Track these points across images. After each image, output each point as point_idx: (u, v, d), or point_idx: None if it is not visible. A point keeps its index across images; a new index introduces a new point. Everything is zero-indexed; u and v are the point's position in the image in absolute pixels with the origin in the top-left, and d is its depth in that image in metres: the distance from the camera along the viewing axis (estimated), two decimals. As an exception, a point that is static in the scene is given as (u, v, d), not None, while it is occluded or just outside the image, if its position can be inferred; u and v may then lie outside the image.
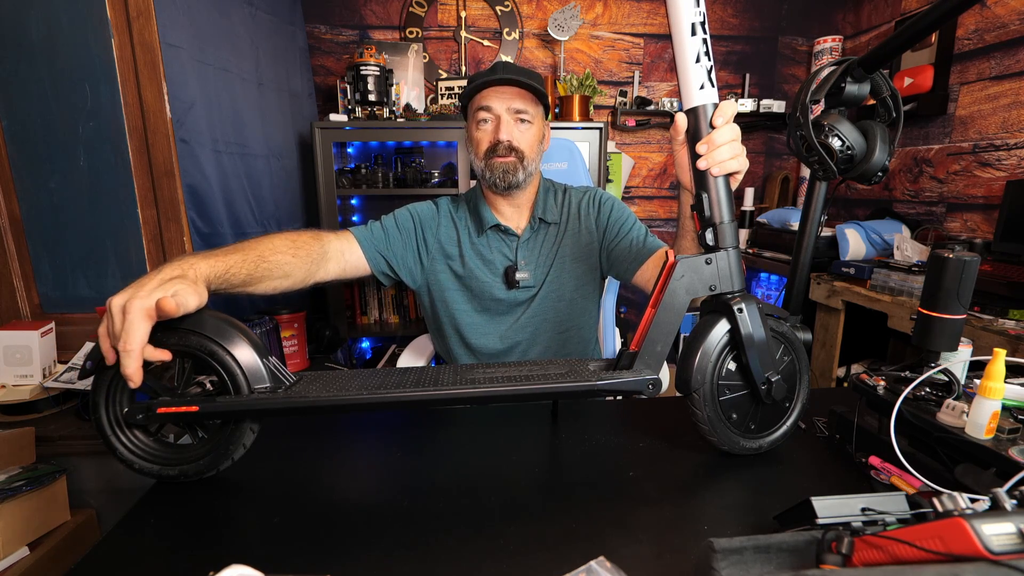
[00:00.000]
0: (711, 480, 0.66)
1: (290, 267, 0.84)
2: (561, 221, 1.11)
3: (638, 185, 2.63)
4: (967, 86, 1.83)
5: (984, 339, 1.22)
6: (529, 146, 1.03)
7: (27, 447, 1.13)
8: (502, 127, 1.00)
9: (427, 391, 0.63)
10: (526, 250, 1.09)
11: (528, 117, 1.02)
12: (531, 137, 1.03)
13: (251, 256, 0.78)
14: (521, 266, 1.07)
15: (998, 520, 0.32)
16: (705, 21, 0.64)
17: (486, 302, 1.08)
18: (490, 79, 0.98)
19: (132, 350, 0.57)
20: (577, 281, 1.10)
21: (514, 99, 1.00)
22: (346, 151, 2.37)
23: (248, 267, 0.76)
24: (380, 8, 2.34)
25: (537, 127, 1.05)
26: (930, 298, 0.65)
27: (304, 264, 0.87)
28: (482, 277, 1.07)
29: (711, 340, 0.66)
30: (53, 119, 1.31)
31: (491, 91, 1.01)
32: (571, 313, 1.10)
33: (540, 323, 1.09)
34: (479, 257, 1.08)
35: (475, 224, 1.09)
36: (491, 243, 1.09)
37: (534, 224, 1.09)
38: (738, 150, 0.66)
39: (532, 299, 1.08)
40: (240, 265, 0.75)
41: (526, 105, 1.01)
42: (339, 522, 0.58)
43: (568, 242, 1.10)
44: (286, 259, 0.83)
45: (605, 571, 0.47)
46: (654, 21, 2.46)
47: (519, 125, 1.02)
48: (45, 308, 1.44)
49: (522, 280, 1.06)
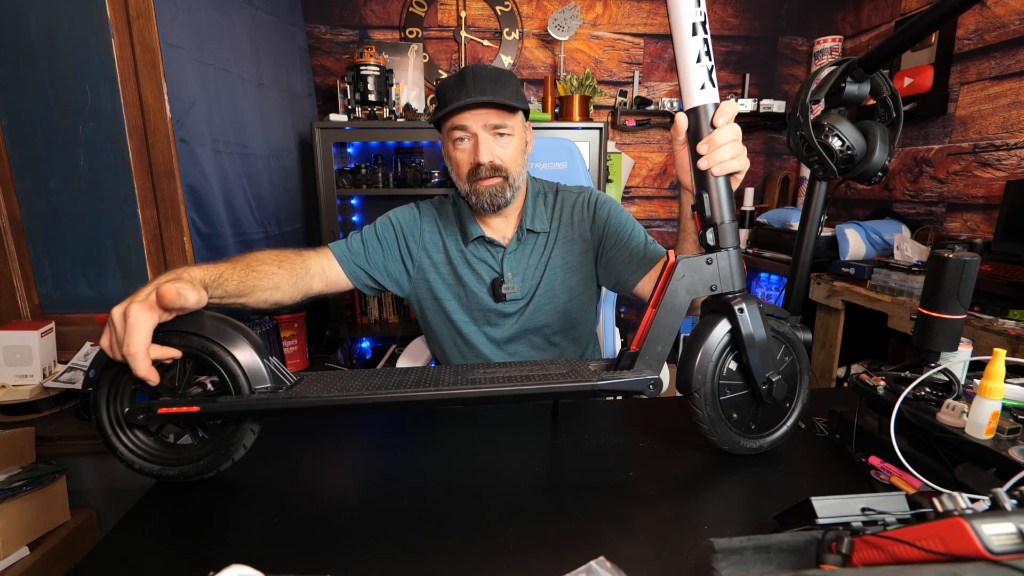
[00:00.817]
0: (711, 480, 0.66)
1: (278, 278, 0.86)
2: (551, 229, 1.06)
3: (638, 185, 2.63)
4: (967, 86, 1.83)
5: (984, 339, 1.22)
6: (513, 160, 0.98)
7: (27, 447, 1.13)
8: (481, 147, 0.94)
9: (428, 391, 0.63)
10: (513, 261, 1.04)
11: (507, 130, 0.96)
12: (513, 150, 0.98)
13: (239, 265, 0.80)
14: (508, 278, 1.03)
15: (998, 520, 0.32)
16: (706, 21, 0.64)
17: (474, 312, 1.05)
18: (461, 105, 0.91)
19: (137, 351, 0.58)
20: (570, 292, 1.06)
21: (489, 115, 0.94)
22: (346, 151, 2.37)
23: (239, 274, 0.78)
24: (380, 8, 2.34)
25: (518, 136, 0.98)
26: (930, 298, 0.65)
27: (290, 277, 0.89)
28: (470, 286, 1.04)
29: (712, 340, 0.66)
30: (53, 119, 1.31)
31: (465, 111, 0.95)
32: (565, 324, 1.07)
33: (533, 333, 1.06)
34: (467, 265, 1.05)
35: (461, 233, 1.05)
36: (477, 253, 1.05)
37: (521, 235, 1.04)
38: (739, 150, 0.66)
39: (523, 310, 1.05)
40: (231, 272, 0.77)
41: (503, 119, 0.94)
42: (339, 522, 0.58)
43: (559, 251, 1.05)
44: (272, 270, 0.85)
45: (605, 571, 0.47)
46: (654, 21, 2.46)
47: (499, 140, 0.96)
48: (45, 308, 1.44)
49: (509, 293, 1.02)
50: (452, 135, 0.96)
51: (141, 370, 0.58)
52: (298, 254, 0.93)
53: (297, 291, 0.91)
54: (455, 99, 0.92)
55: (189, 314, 0.63)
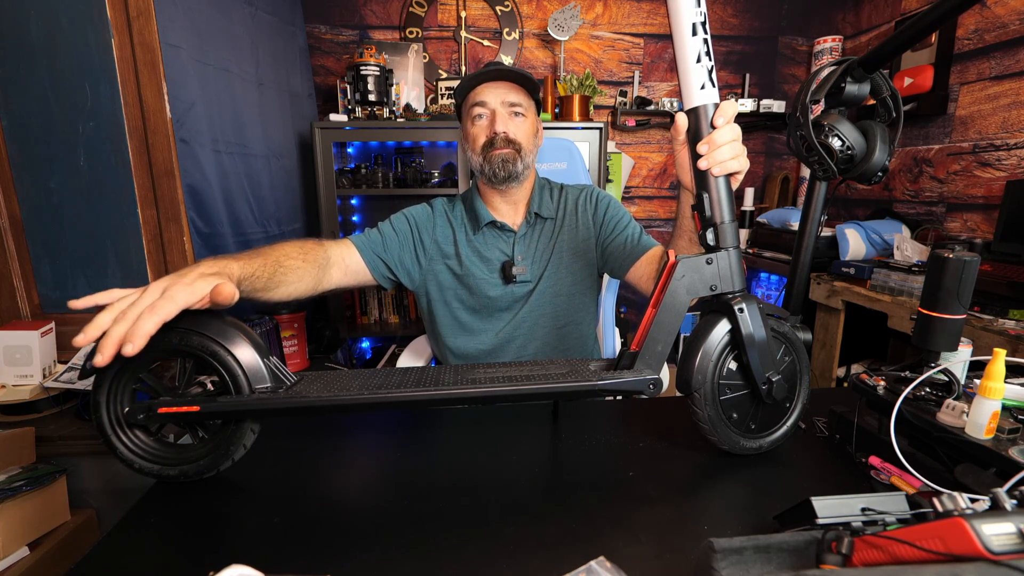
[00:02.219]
0: (711, 480, 0.66)
1: (302, 271, 0.87)
2: (557, 217, 1.13)
3: (638, 185, 2.63)
4: (967, 86, 1.83)
5: (984, 339, 1.22)
6: (526, 138, 1.05)
7: (27, 447, 1.13)
8: (498, 120, 1.02)
9: (428, 391, 0.63)
10: (523, 245, 1.10)
11: (522, 110, 1.04)
12: (527, 129, 1.06)
13: (270, 261, 0.81)
14: (518, 261, 1.08)
15: (998, 520, 0.32)
16: (706, 21, 0.64)
17: (483, 299, 1.09)
18: (484, 72, 1.01)
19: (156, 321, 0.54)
20: (574, 276, 1.11)
21: (508, 93, 1.03)
22: (346, 151, 2.37)
23: (268, 271, 0.79)
24: (380, 8, 2.34)
25: (531, 121, 1.07)
26: (930, 298, 0.65)
27: (312, 269, 0.90)
28: (479, 274, 1.08)
29: (712, 340, 0.66)
30: (53, 119, 1.31)
31: (485, 87, 1.03)
32: (569, 308, 1.11)
33: (538, 318, 1.10)
34: (476, 255, 1.09)
35: (471, 222, 1.10)
36: (488, 240, 1.10)
37: (530, 219, 1.11)
38: (739, 150, 0.66)
39: (530, 294, 1.09)
40: (262, 269, 0.78)
41: (520, 98, 1.04)
42: (339, 522, 0.58)
43: (565, 237, 1.11)
44: (297, 264, 0.87)
45: (605, 571, 0.47)
46: (654, 21, 2.46)
47: (514, 118, 1.04)
48: (45, 308, 1.43)
49: (519, 275, 1.07)
50: (472, 112, 1.04)
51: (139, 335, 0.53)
52: (319, 244, 0.95)
53: (318, 283, 0.93)
54: (477, 80, 1.02)
55: (190, 313, 0.63)
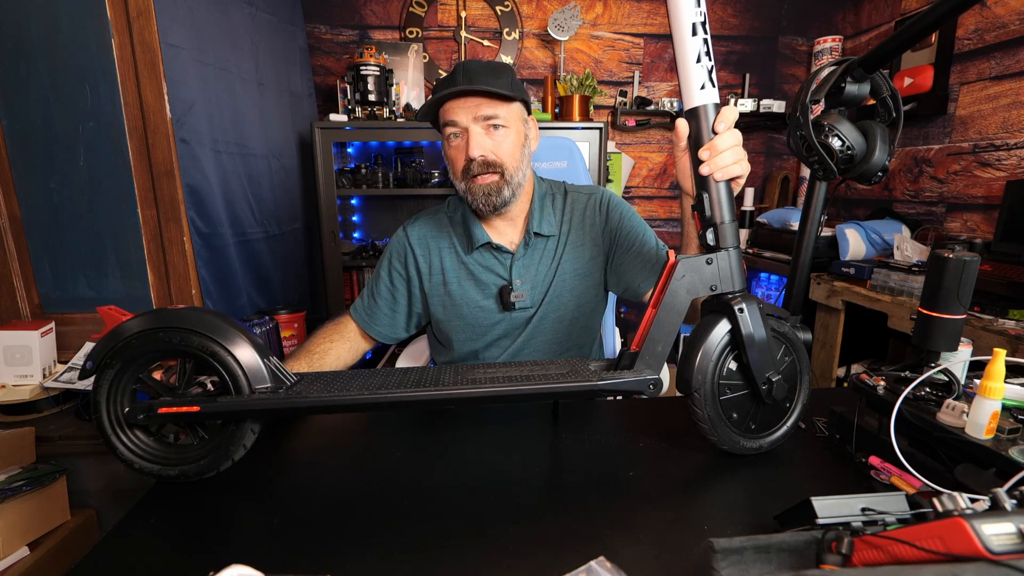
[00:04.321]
0: (711, 480, 0.66)
1: (336, 352, 1.00)
2: (560, 233, 1.01)
3: (638, 185, 2.63)
4: (967, 86, 1.83)
5: (984, 339, 1.22)
6: (509, 155, 0.91)
7: (27, 447, 1.13)
8: (472, 142, 0.88)
9: (428, 391, 0.63)
10: (521, 267, 0.99)
11: (500, 121, 0.89)
12: (510, 144, 0.91)
13: (312, 359, 0.96)
14: (516, 285, 0.98)
15: (998, 520, 0.32)
16: (706, 21, 0.64)
17: (479, 329, 1.01)
18: (445, 93, 0.87)
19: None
20: (578, 300, 1.01)
21: (480, 106, 0.88)
22: (346, 151, 2.37)
23: (312, 366, 0.95)
24: (380, 8, 2.34)
25: (515, 130, 0.92)
26: (930, 298, 0.65)
27: (344, 344, 1.02)
28: (473, 303, 1.00)
29: (712, 340, 0.66)
30: (53, 119, 1.31)
31: (453, 103, 0.90)
32: (571, 334, 1.03)
33: (538, 345, 1.02)
34: (470, 279, 1.00)
35: (464, 241, 1.00)
36: (482, 262, 1.00)
37: (528, 239, 0.99)
38: (740, 155, 0.66)
39: (529, 321, 1.00)
40: (307, 368, 0.93)
41: (495, 109, 0.88)
42: (339, 522, 0.58)
43: (569, 256, 1.00)
44: (328, 346, 0.99)
45: (605, 571, 0.47)
46: (654, 21, 2.46)
47: (492, 134, 0.90)
48: (45, 308, 1.44)
49: (518, 300, 0.97)
50: (445, 132, 0.93)
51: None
52: (337, 325, 1.04)
53: (355, 353, 1.04)
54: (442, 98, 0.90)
55: (190, 313, 0.63)
